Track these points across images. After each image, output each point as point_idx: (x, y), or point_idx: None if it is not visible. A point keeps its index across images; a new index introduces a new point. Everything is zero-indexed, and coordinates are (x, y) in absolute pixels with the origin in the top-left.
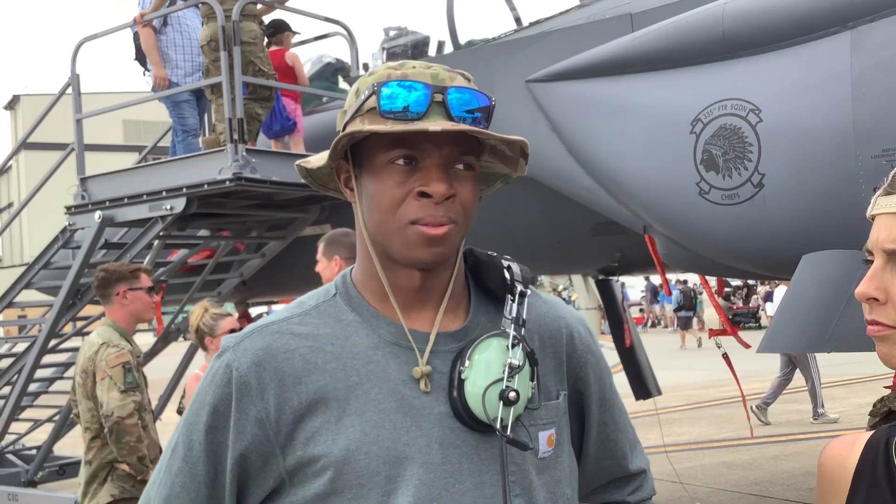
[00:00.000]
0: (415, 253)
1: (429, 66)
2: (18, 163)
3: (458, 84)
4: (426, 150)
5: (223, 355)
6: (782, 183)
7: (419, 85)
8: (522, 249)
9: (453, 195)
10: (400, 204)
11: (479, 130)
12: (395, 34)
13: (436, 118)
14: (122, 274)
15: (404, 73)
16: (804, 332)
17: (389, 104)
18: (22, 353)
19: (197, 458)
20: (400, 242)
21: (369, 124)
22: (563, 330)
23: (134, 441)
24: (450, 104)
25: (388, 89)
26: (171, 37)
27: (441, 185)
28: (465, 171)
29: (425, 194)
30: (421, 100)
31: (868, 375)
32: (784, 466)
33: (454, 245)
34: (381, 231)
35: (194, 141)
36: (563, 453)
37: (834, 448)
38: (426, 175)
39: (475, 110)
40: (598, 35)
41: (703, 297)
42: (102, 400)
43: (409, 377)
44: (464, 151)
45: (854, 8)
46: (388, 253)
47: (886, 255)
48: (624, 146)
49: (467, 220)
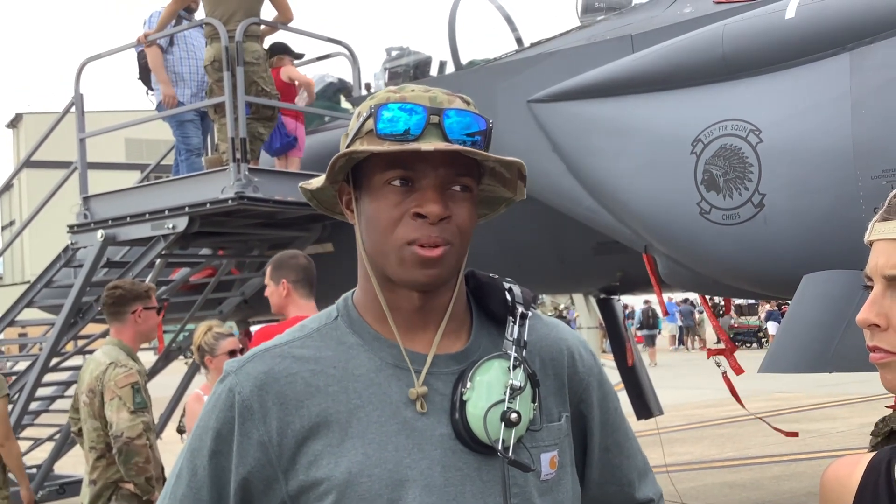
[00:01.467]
0: (410, 274)
1: (428, 89)
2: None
3: (456, 107)
4: (422, 170)
5: (226, 380)
6: (783, 203)
7: (417, 107)
8: (524, 268)
9: (448, 216)
10: (396, 224)
11: (471, 150)
12: (396, 54)
13: (432, 140)
14: (139, 293)
15: (403, 97)
16: (805, 352)
17: (386, 126)
18: (23, 372)
19: (201, 483)
20: (396, 263)
21: (368, 146)
22: (564, 352)
23: (143, 462)
24: (446, 126)
25: (386, 112)
26: (178, 56)
27: (436, 206)
28: (461, 192)
29: (420, 215)
30: (417, 122)
31: (870, 395)
32: (786, 486)
33: (450, 266)
34: (379, 252)
35: (197, 160)
36: (566, 475)
37: (836, 468)
38: (422, 196)
39: (473, 133)
40: (599, 56)
41: (702, 316)
42: (112, 420)
43: (410, 399)
44: (460, 173)
45: (853, 30)
46: (386, 274)
47: (886, 281)
48: (625, 166)
49: (464, 241)
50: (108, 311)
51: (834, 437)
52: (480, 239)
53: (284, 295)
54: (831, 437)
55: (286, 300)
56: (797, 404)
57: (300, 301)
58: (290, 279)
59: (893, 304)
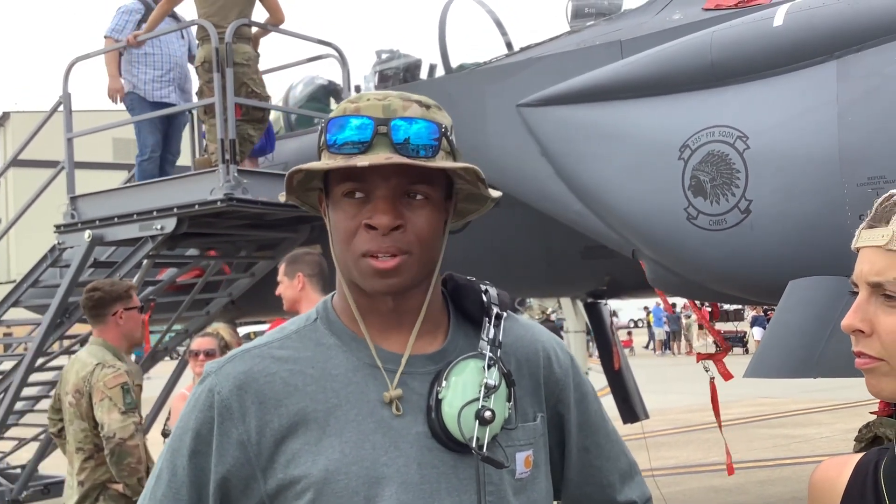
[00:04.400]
0: (370, 284)
1: (386, 95)
2: (6, 180)
3: (409, 114)
4: (374, 182)
5: (206, 380)
6: (769, 209)
7: (364, 119)
8: (512, 272)
9: (401, 225)
10: (353, 236)
11: (409, 161)
12: (387, 57)
13: (381, 150)
14: (119, 294)
15: (357, 108)
16: (790, 357)
17: (335, 140)
18: (9, 372)
19: (181, 483)
20: (357, 273)
21: (326, 159)
22: (539, 353)
23: (135, 463)
24: (393, 136)
25: (336, 125)
26: (144, 50)
27: (384, 217)
28: (419, 200)
29: (371, 226)
30: (363, 133)
31: (854, 401)
32: (771, 491)
33: (410, 275)
34: (342, 260)
35: (149, 166)
36: (541, 475)
37: (825, 469)
38: (373, 207)
39: (426, 136)
40: (589, 61)
41: (689, 321)
42: (103, 421)
43: (385, 402)
44: (415, 181)
45: (841, 38)
46: (353, 280)
47: (870, 287)
48: (613, 171)
49: (424, 248)
50: (88, 315)
51: (818, 443)
52: (468, 242)
53: (300, 289)
54: (815, 442)
55: (301, 294)
56: (782, 409)
57: (313, 296)
58: (306, 273)
59: (878, 310)
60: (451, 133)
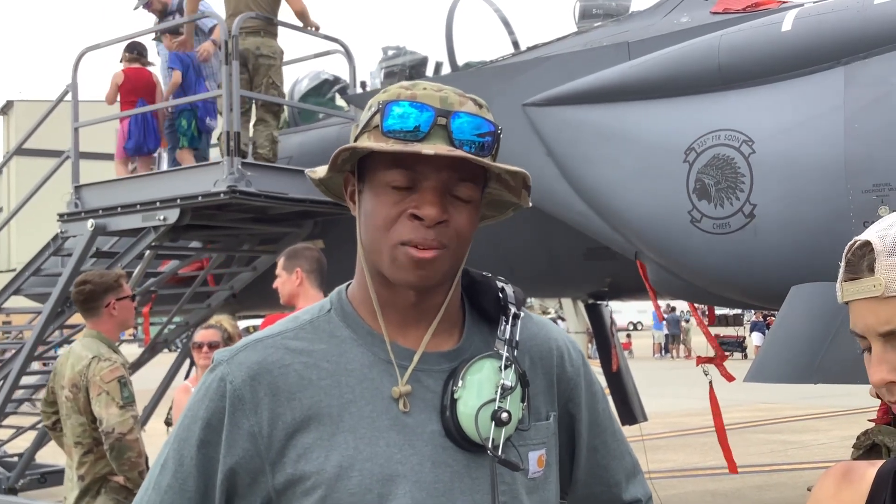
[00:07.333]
0: (401, 274)
1: (441, 88)
2: (10, 168)
3: (467, 109)
4: (424, 172)
5: (217, 369)
6: (773, 214)
7: (425, 107)
8: (515, 271)
9: (446, 220)
10: (393, 223)
11: (474, 157)
12: (393, 53)
13: (437, 142)
14: (109, 284)
15: (413, 94)
16: (791, 362)
17: (392, 124)
18: (8, 360)
19: (188, 473)
20: (389, 261)
21: (374, 141)
22: (553, 351)
23: (135, 456)
24: (453, 129)
25: (394, 109)
26: None
27: (433, 210)
28: (463, 197)
29: (417, 216)
30: (424, 122)
31: (853, 408)
32: (767, 496)
33: (443, 269)
34: (373, 248)
35: None
36: (552, 474)
37: (845, 472)
38: (421, 197)
39: (484, 134)
40: (596, 62)
41: (689, 325)
42: (101, 416)
43: (394, 398)
44: (463, 178)
45: (849, 45)
46: (380, 270)
47: (883, 338)
48: (618, 173)
49: (461, 245)
50: (81, 308)
51: (815, 449)
52: (473, 241)
53: (297, 284)
54: (812, 448)
55: (298, 289)
56: (780, 415)
57: (311, 292)
58: (305, 268)
59: None
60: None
